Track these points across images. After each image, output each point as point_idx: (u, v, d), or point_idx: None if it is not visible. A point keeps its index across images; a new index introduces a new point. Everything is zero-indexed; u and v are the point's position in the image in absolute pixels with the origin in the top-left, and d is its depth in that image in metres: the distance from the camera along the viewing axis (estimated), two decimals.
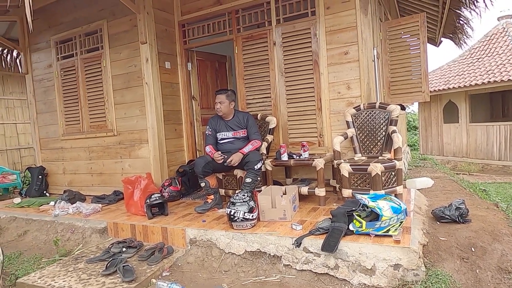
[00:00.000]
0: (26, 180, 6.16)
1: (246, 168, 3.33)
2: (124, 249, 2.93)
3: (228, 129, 3.61)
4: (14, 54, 7.20)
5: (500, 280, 2.21)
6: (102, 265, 2.71)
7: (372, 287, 2.25)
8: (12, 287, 2.76)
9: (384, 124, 3.40)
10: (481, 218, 3.01)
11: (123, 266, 2.56)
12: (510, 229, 2.79)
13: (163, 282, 2.33)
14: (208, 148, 3.54)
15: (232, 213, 2.80)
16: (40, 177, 5.25)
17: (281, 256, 2.57)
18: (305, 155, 3.53)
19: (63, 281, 2.53)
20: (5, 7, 4.88)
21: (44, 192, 5.25)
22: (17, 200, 4.74)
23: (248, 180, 3.28)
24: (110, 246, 3.01)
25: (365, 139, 3.50)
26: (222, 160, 3.39)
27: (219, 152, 3.44)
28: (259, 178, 3.41)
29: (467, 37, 7.25)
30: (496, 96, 10.55)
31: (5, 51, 7.09)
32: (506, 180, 7.80)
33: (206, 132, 3.68)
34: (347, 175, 3.05)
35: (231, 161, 3.35)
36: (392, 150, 3.19)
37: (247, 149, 3.41)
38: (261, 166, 3.35)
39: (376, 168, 2.91)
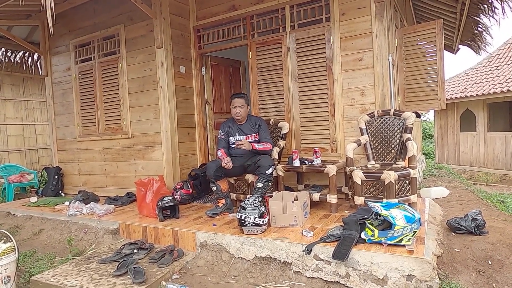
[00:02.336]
0: (43, 180, 6.30)
1: (258, 173, 3.33)
2: (135, 251, 2.96)
3: (240, 133, 3.62)
4: (35, 57, 7.45)
5: None
6: (113, 266, 2.74)
7: None
8: (26, 284, 2.82)
9: (398, 131, 3.35)
10: (499, 230, 2.92)
11: (134, 267, 2.58)
12: None
13: (172, 284, 2.34)
14: (220, 153, 3.55)
15: (242, 217, 2.80)
16: (56, 177, 5.37)
17: (291, 263, 2.54)
18: (317, 161, 3.50)
19: (75, 280, 2.57)
20: (28, 12, 5.07)
21: (60, 192, 5.37)
22: (34, 199, 4.86)
23: (259, 185, 3.28)
24: (121, 247, 3.04)
25: (379, 147, 3.46)
26: (229, 167, 3.38)
27: (229, 159, 3.43)
28: (270, 183, 3.40)
29: (486, 44, 7.09)
30: None
31: (27, 54, 7.34)
32: None
33: (218, 136, 3.69)
34: (359, 183, 3.01)
35: (240, 143, 3.36)
36: (407, 158, 3.13)
37: (258, 146, 3.45)
38: (272, 171, 3.35)
39: (389, 176, 2.86)
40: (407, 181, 2.99)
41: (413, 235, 2.37)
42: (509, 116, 10.67)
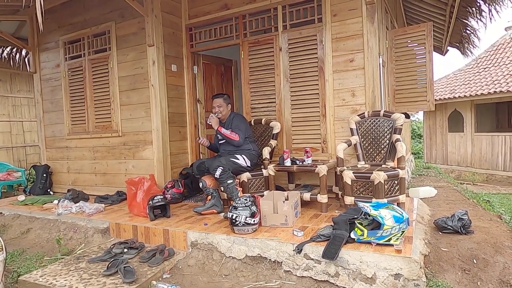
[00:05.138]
0: (31, 178, 6.21)
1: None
2: (125, 250, 2.94)
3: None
4: (23, 53, 7.30)
5: None
6: (103, 265, 2.72)
7: None
8: (14, 284, 2.78)
9: (388, 132, 3.40)
10: (484, 230, 2.99)
11: (124, 267, 2.57)
12: None
13: (163, 284, 2.34)
14: None
15: (233, 217, 2.81)
16: (44, 175, 5.30)
17: (281, 262, 2.57)
18: (308, 161, 3.53)
19: (65, 280, 2.55)
20: (16, 7, 4.96)
21: (48, 190, 5.30)
22: (21, 197, 4.78)
23: (222, 188, 3.41)
24: (111, 247, 3.02)
25: (369, 147, 3.50)
26: (202, 143, 3.76)
27: (204, 139, 3.74)
28: (229, 181, 3.37)
29: (473, 46, 7.22)
30: (502, 106, 10.49)
31: (14, 50, 7.19)
32: (510, 191, 7.72)
33: None
34: (349, 183, 3.05)
35: (211, 117, 3.64)
36: (396, 158, 3.18)
37: (224, 130, 3.55)
38: (221, 173, 3.34)
39: (379, 176, 2.90)
40: (396, 181, 3.03)
41: (401, 234, 2.42)
42: (495, 117, 10.91)
